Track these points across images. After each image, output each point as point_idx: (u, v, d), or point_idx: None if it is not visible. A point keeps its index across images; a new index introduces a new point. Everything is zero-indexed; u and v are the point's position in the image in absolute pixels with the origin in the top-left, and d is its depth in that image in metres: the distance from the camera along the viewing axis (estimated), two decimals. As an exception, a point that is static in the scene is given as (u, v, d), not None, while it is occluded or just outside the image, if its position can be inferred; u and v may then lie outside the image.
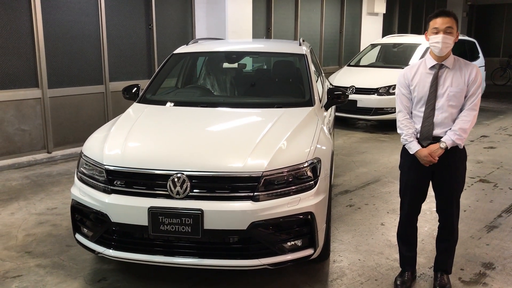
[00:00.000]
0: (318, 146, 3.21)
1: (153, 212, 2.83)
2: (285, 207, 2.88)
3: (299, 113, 3.69)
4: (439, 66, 2.97)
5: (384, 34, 12.73)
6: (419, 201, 3.16)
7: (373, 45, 10.23)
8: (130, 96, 4.31)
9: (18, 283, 3.24)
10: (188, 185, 2.87)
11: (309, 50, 4.90)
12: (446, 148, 2.92)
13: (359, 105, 8.40)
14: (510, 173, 5.90)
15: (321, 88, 4.73)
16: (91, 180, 3.12)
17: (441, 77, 2.96)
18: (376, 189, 5.24)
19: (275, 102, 3.97)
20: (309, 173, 3.02)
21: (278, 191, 2.91)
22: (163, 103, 4.08)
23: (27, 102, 6.17)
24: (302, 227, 2.99)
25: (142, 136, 3.41)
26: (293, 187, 2.95)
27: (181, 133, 3.45)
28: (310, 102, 3.97)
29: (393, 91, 8.18)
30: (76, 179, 3.30)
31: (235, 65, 5.08)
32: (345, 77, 9.05)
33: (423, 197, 3.15)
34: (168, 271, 3.37)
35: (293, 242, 2.96)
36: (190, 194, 2.87)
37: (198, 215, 2.79)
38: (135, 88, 4.32)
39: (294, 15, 10.40)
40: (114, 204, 2.94)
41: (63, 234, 4.00)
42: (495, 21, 18.50)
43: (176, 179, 2.87)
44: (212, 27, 8.40)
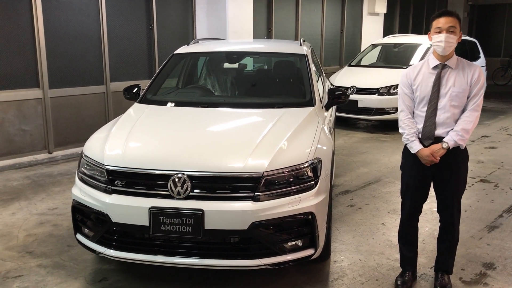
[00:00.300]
0: (318, 146, 3.22)
1: (154, 212, 2.84)
2: (285, 207, 2.88)
3: (300, 113, 3.69)
4: (442, 66, 2.96)
5: (385, 34, 12.72)
6: (420, 201, 3.16)
7: (374, 45, 10.23)
8: (131, 96, 4.31)
9: (19, 283, 3.25)
10: (189, 185, 2.87)
11: (309, 50, 4.90)
12: (448, 148, 2.92)
13: (360, 105, 8.39)
14: (511, 173, 5.90)
15: (321, 88, 4.72)
16: (92, 180, 3.12)
17: (444, 77, 2.95)
18: (377, 189, 5.24)
19: (275, 102, 3.97)
20: (310, 173, 3.02)
21: (278, 191, 2.91)
22: (164, 103, 4.09)
23: (28, 102, 6.17)
24: (302, 227, 2.99)
25: (143, 136, 3.41)
26: (293, 187, 2.95)
27: (182, 133, 3.46)
28: (310, 102, 3.97)
29: (394, 91, 8.18)
30: (77, 179, 3.30)
31: (236, 65, 5.08)
32: (346, 77, 9.05)
33: (424, 197, 3.15)
34: (168, 271, 3.37)
35: (293, 242, 2.96)
36: (191, 194, 2.88)
37: (198, 215, 2.80)
38: (136, 88, 4.32)
39: (295, 15, 10.40)
40: (115, 204, 2.94)
41: (64, 234, 4.01)
42: (496, 21, 18.49)
43: (176, 179, 2.88)
44: (212, 27, 8.41)
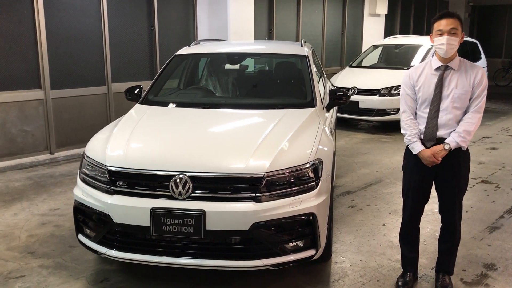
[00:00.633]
0: (319, 147, 3.22)
1: (156, 213, 2.84)
2: (287, 208, 2.89)
3: (301, 114, 3.70)
4: (444, 68, 2.96)
5: (386, 35, 12.72)
6: (422, 202, 3.16)
7: (375, 46, 10.24)
8: (133, 97, 4.32)
9: (21, 283, 3.25)
10: (190, 186, 2.88)
11: (311, 51, 4.90)
12: (449, 149, 2.92)
13: (361, 106, 8.40)
14: (512, 174, 5.90)
15: (323, 89, 4.73)
16: (94, 181, 3.13)
17: (446, 79, 2.95)
18: (378, 190, 5.24)
19: (277, 103, 3.98)
20: (311, 174, 3.02)
21: (280, 192, 2.92)
22: (166, 104, 4.09)
23: (30, 103, 6.19)
24: (304, 228, 3.00)
25: (144, 137, 3.42)
26: (294, 188, 2.95)
27: (183, 134, 3.46)
28: (312, 103, 3.98)
29: (395, 92, 8.18)
30: (78, 180, 3.31)
31: (237, 66, 5.09)
32: (347, 78, 9.05)
33: (426, 198, 3.15)
34: (170, 272, 3.37)
35: (295, 243, 2.97)
36: (192, 195, 2.88)
37: (200, 216, 2.80)
38: (138, 89, 4.32)
39: (296, 16, 10.41)
40: (116, 205, 2.95)
41: (66, 235, 4.01)
42: (497, 22, 18.48)
43: (178, 180, 2.88)
44: (214, 29, 8.42)
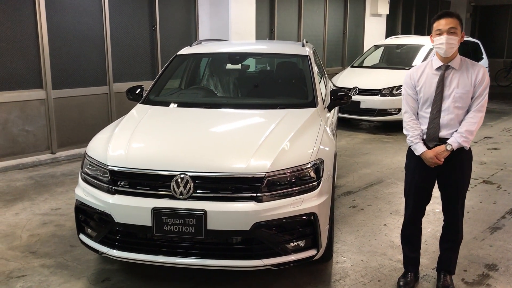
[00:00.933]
0: (321, 147, 3.22)
1: (157, 213, 2.85)
2: (288, 208, 2.89)
3: (302, 114, 3.70)
4: (445, 67, 2.95)
5: (388, 35, 12.72)
6: (424, 202, 3.16)
7: (376, 46, 10.23)
8: (134, 97, 4.32)
9: (23, 283, 3.26)
10: (192, 186, 2.88)
11: (312, 51, 4.90)
12: (452, 150, 2.91)
13: (362, 106, 8.39)
14: (514, 174, 5.90)
15: (324, 89, 4.73)
16: (95, 181, 3.13)
17: (447, 79, 2.94)
18: (379, 190, 5.24)
19: (278, 103, 3.98)
20: (312, 174, 3.02)
21: (281, 192, 2.92)
22: (167, 104, 4.10)
23: (32, 103, 6.20)
24: (305, 228, 2.99)
25: (145, 137, 3.42)
26: (296, 188, 2.95)
27: (185, 134, 3.47)
28: (313, 103, 3.98)
29: (397, 92, 8.18)
30: (80, 179, 3.31)
31: (238, 66, 5.09)
32: (348, 78, 9.05)
33: (428, 198, 3.15)
34: (171, 272, 3.38)
35: (296, 243, 2.97)
36: (194, 194, 2.88)
37: (201, 216, 2.80)
38: (139, 89, 4.33)
39: (298, 16, 10.41)
40: (117, 205, 2.95)
41: (67, 235, 4.02)
42: (499, 22, 18.45)
43: (179, 180, 2.89)
44: (215, 29, 8.42)
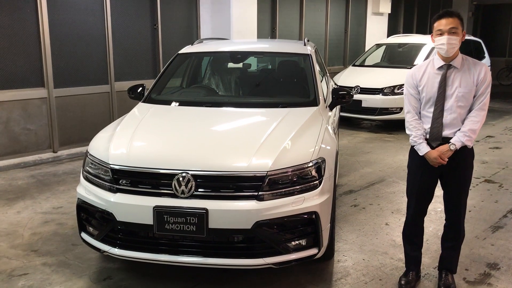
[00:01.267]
0: (322, 146, 3.22)
1: (158, 211, 2.85)
2: (289, 206, 2.89)
3: (304, 113, 3.70)
4: (447, 67, 2.94)
5: (389, 34, 12.70)
6: (426, 201, 3.15)
7: (378, 45, 10.22)
8: (136, 95, 4.33)
9: (24, 281, 3.27)
10: (193, 185, 2.88)
11: (313, 50, 4.90)
12: (455, 149, 2.91)
13: (364, 105, 8.39)
14: (516, 173, 5.89)
15: (325, 88, 4.72)
16: (97, 179, 3.13)
17: (450, 78, 2.93)
18: (381, 189, 5.24)
19: (279, 102, 3.98)
20: (314, 173, 3.02)
21: (282, 190, 2.92)
22: (168, 102, 4.10)
23: (33, 102, 6.20)
24: (306, 226, 2.99)
25: (147, 135, 3.43)
26: (297, 187, 2.95)
27: (186, 132, 3.47)
28: (314, 102, 3.97)
29: (398, 91, 8.17)
30: (81, 178, 3.32)
31: (240, 65, 5.09)
32: (350, 77, 9.04)
33: (430, 197, 3.15)
34: (172, 270, 3.38)
35: (297, 242, 2.97)
36: (195, 193, 2.88)
37: (203, 214, 2.81)
38: (141, 88, 4.33)
39: (299, 15, 10.40)
40: (119, 203, 2.95)
41: (69, 233, 4.03)
42: (501, 21, 18.40)
43: (181, 179, 2.89)
44: (217, 27, 8.42)
